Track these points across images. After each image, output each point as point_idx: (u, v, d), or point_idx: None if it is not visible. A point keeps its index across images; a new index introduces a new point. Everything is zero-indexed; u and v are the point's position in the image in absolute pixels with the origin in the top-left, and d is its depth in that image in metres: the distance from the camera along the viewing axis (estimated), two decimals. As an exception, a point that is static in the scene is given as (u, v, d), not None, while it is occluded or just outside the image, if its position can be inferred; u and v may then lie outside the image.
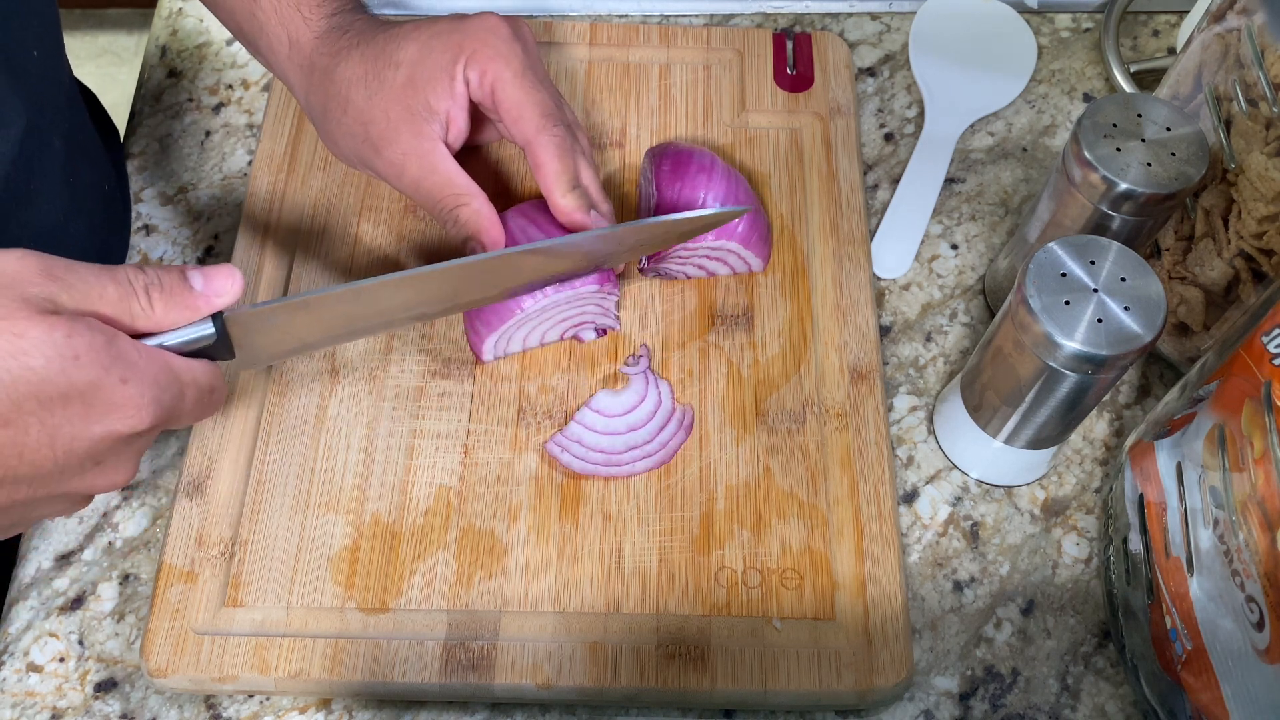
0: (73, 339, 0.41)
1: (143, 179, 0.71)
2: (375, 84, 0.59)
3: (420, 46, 0.59)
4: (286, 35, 0.61)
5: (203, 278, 0.47)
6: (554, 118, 0.59)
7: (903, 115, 0.75)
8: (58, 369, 0.41)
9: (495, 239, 0.59)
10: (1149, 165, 0.55)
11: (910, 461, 0.63)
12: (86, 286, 0.43)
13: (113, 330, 0.43)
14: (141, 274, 0.45)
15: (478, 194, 0.59)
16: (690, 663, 0.55)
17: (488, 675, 0.55)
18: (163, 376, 0.44)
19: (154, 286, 0.45)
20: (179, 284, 0.46)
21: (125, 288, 0.44)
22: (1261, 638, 0.46)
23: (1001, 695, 0.57)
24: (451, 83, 0.58)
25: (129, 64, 1.91)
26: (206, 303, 0.47)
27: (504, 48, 0.58)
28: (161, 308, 0.45)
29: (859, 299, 0.65)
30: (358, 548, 0.58)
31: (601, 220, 0.59)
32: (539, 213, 0.61)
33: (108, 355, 0.42)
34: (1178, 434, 0.53)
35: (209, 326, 0.47)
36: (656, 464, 0.60)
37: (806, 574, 0.57)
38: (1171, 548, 0.52)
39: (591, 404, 0.61)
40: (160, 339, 0.46)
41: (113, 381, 0.42)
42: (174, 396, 0.45)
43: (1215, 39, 0.58)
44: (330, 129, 0.61)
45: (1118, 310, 0.52)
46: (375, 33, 0.60)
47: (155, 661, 0.54)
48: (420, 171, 0.59)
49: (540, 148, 0.58)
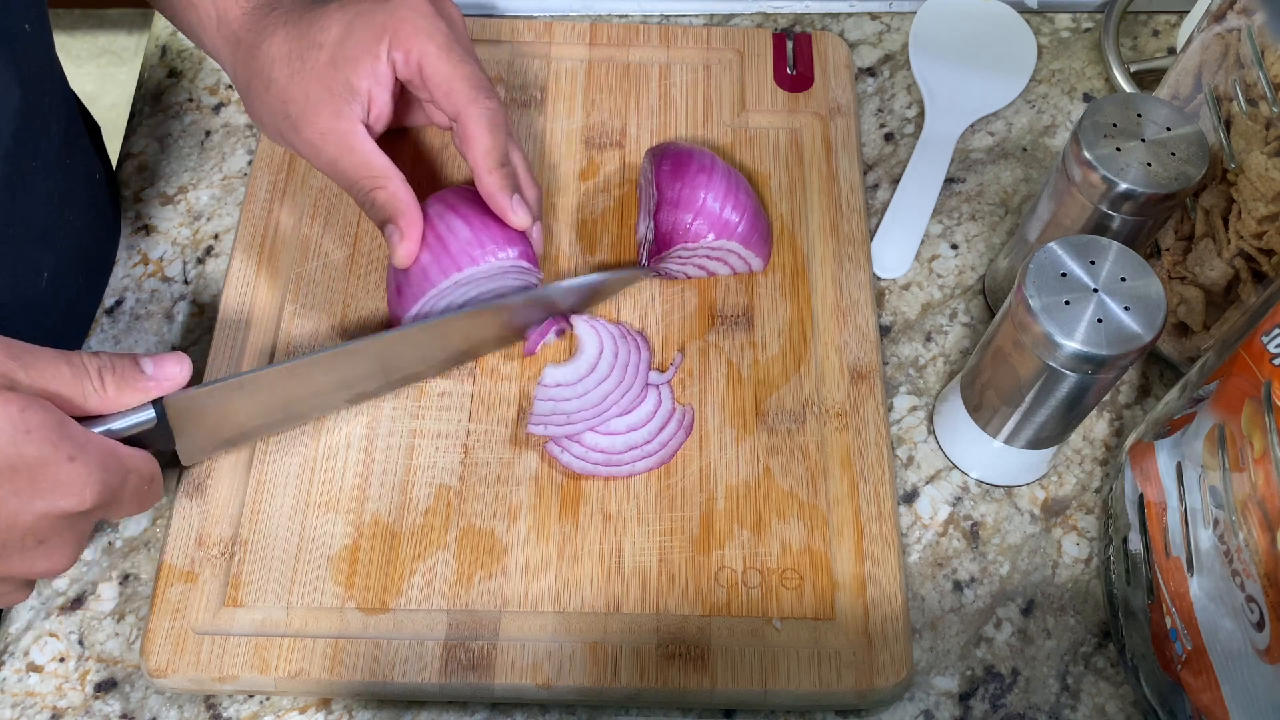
0: (25, 414, 0.43)
1: (143, 179, 0.71)
2: (298, 63, 0.59)
3: (343, 27, 0.59)
4: (215, 10, 0.61)
5: (153, 364, 0.50)
6: (485, 90, 0.59)
7: (903, 115, 0.75)
8: (8, 440, 0.43)
9: (412, 222, 0.58)
10: (1149, 165, 0.55)
11: (910, 461, 0.63)
12: (43, 366, 0.46)
13: (62, 413, 0.45)
14: (95, 358, 0.48)
15: (395, 175, 0.58)
16: (690, 663, 0.55)
17: (488, 675, 0.55)
18: (108, 460, 0.47)
19: (106, 370, 0.48)
20: (130, 368, 0.49)
21: (79, 369, 0.47)
22: (1261, 638, 0.46)
23: (1001, 695, 0.57)
24: (375, 62, 0.58)
25: (129, 64, 1.91)
26: (157, 386, 0.50)
27: (427, 24, 0.58)
28: (114, 389, 0.48)
29: (859, 299, 0.65)
30: (358, 548, 0.58)
31: (523, 207, 0.59)
32: (460, 199, 0.61)
33: (58, 434, 0.44)
34: (1178, 434, 0.53)
35: (149, 411, 0.50)
36: (657, 464, 0.60)
37: (806, 574, 0.57)
38: (1171, 548, 0.52)
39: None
40: (104, 425, 0.49)
41: (61, 458, 0.44)
42: (118, 480, 0.47)
43: (1215, 39, 0.58)
44: (254, 105, 0.61)
45: (1118, 310, 0.52)
46: (302, 12, 0.60)
47: (155, 661, 0.54)
48: (337, 151, 0.58)
49: (470, 119, 0.58)
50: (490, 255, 0.59)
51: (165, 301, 0.67)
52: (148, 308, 0.67)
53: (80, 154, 0.64)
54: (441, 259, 0.59)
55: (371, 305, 0.64)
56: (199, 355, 0.64)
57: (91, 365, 0.48)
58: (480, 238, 0.59)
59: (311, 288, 0.65)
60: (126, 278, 0.68)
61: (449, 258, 0.59)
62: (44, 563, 0.47)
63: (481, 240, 0.59)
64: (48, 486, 0.44)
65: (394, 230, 0.58)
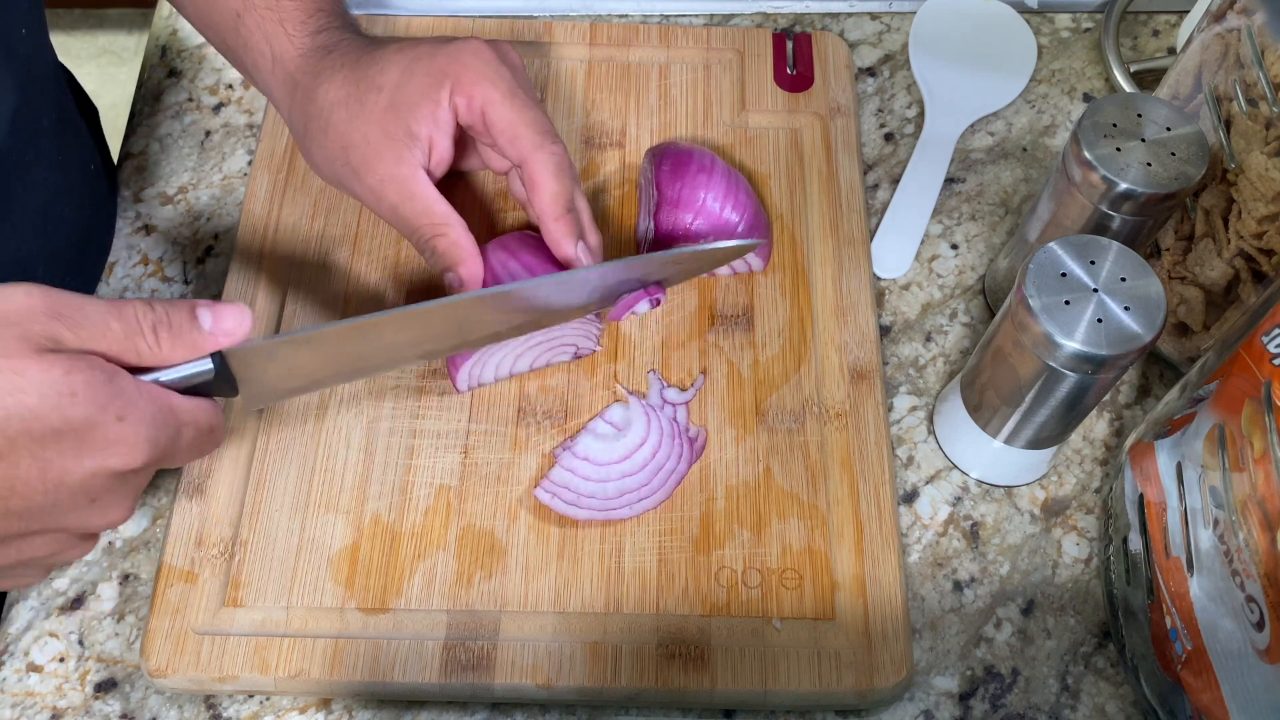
0: (70, 376, 0.41)
1: (143, 179, 0.71)
2: (356, 107, 0.58)
3: (402, 70, 0.58)
4: (270, 51, 0.61)
5: (211, 316, 0.46)
6: (550, 135, 0.58)
7: (903, 115, 0.75)
8: (52, 405, 0.41)
9: (473, 271, 0.57)
10: (1149, 165, 0.55)
11: (910, 461, 0.63)
12: (91, 324, 0.43)
13: (113, 368, 0.43)
14: (150, 311, 0.45)
15: (457, 223, 0.58)
16: (690, 663, 0.55)
17: (488, 675, 0.55)
18: (161, 415, 0.44)
19: (161, 324, 0.45)
20: (187, 321, 0.46)
21: (131, 325, 0.44)
22: (1261, 638, 0.46)
23: (1001, 695, 0.57)
24: (435, 108, 0.58)
25: (129, 64, 1.91)
26: (214, 341, 0.46)
27: (489, 70, 0.58)
28: (168, 345, 0.45)
29: (859, 299, 0.65)
30: (358, 548, 0.58)
31: (587, 255, 0.58)
32: (522, 246, 0.60)
33: (105, 393, 0.42)
34: (1178, 434, 0.53)
35: (207, 363, 0.46)
36: (655, 504, 0.58)
37: (806, 574, 0.57)
38: (1171, 548, 0.52)
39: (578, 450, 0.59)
40: (159, 375, 0.46)
41: (109, 419, 0.42)
42: (170, 435, 0.45)
43: (1215, 39, 0.58)
44: (311, 149, 0.61)
45: (1118, 310, 0.52)
46: (359, 54, 0.59)
47: (155, 661, 0.54)
48: (399, 198, 0.58)
49: (537, 165, 0.57)
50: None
51: (165, 301, 0.67)
52: (148, 308, 0.67)
53: (76, 146, 0.64)
54: None
55: (371, 306, 0.64)
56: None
57: (146, 319, 0.45)
58: None
59: (311, 288, 0.65)
60: (126, 278, 0.68)
61: None
62: (98, 518, 0.45)
63: None
64: (97, 447, 0.42)
65: (455, 278, 0.57)
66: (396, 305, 0.64)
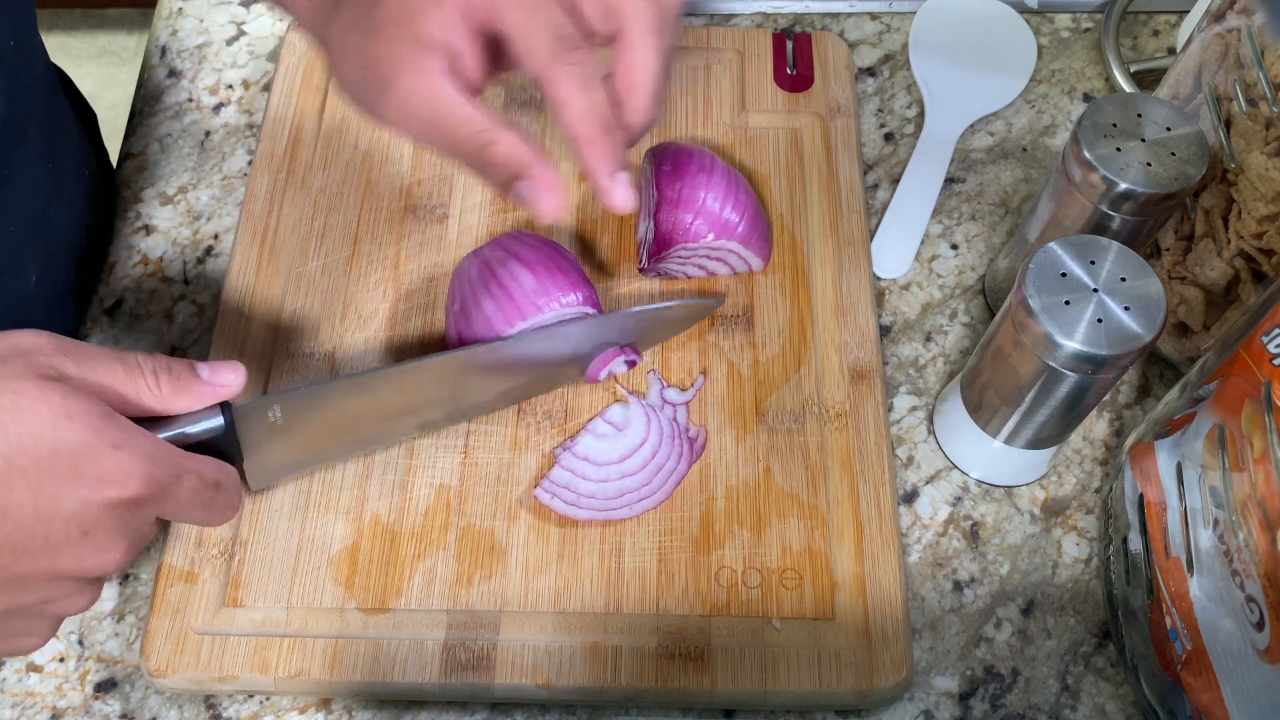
0: (68, 401, 0.42)
1: (143, 179, 0.71)
2: (366, 24, 0.50)
3: None
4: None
5: (209, 369, 0.49)
6: (570, 41, 0.48)
7: (903, 115, 0.75)
8: (49, 426, 0.41)
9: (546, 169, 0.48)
10: (1149, 165, 0.55)
11: (910, 461, 0.63)
12: (94, 360, 0.45)
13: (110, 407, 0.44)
14: (150, 359, 0.47)
15: (507, 127, 0.49)
16: (690, 663, 0.55)
17: (488, 675, 0.55)
18: (159, 453, 0.44)
19: (161, 369, 0.47)
20: (186, 370, 0.48)
21: (133, 366, 0.46)
22: (1261, 638, 0.46)
23: (1001, 695, 0.57)
24: (439, 9, 0.49)
25: (129, 64, 1.91)
26: (212, 390, 0.48)
27: None
28: (169, 389, 0.47)
29: (859, 299, 0.65)
30: (358, 548, 0.58)
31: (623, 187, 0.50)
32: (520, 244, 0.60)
33: (102, 421, 0.43)
34: (1178, 434, 0.53)
35: (218, 417, 0.49)
36: (655, 504, 0.59)
37: (806, 574, 0.57)
38: (1171, 548, 0.52)
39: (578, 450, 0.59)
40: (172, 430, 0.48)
41: (104, 445, 0.42)
42: (168, 475, 0.44)
43: (1215, 39, 0.58)
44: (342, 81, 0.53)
45: (1118, 310, 0.52)
46: None
47: (155, 661, 0.54)
48: (428, 108, 0.49)
49: (557, 80, 0.48)
50: (555, 303, 0.58)
51: (165, 301, 0.67)
52: (148, 308, 0.67)
53: (68, 150, 0.64)
54: (506, 308, 0.58)
55: (371, 306, 0.64)
56: (199, 355, 0.64)
57: (146, 364, 0.46)
58: (545, 285, 0.58)
59: (311, 288, 0.65)
60: (126, 278, 0.68)
61: (514, 306, 0.58)
62: (92, 556, 0.44)
63: (546, 288, 0.58)
64: (90, 473, 0.42)
65: (526, 186, 0.49)
66: (396, 305, 0.64)
